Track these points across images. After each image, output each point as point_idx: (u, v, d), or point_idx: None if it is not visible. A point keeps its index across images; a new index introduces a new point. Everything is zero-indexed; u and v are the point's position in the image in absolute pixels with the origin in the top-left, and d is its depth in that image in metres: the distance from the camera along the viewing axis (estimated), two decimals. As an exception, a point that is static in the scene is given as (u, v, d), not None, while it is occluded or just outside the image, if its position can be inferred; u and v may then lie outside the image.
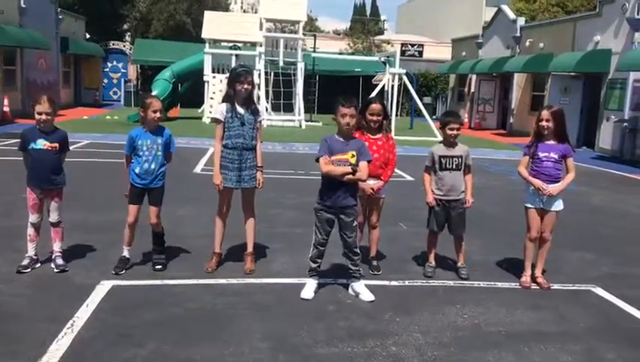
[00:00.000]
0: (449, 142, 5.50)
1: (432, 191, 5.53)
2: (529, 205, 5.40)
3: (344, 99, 4.83)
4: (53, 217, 5.29)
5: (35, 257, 5.26)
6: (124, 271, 5.25)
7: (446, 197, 5.48)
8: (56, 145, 5.18)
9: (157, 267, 5.38)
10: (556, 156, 5.27)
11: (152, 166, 5.26)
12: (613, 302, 5.14)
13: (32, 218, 5.21)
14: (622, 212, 9.35)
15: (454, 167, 5.46)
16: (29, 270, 5.16)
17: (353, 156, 4.77)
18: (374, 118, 5.36)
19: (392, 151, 5.52)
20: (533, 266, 5.49)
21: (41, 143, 5.11)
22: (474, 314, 4.70)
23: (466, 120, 27.12)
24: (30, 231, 5.24)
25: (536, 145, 5.33)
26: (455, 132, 5.44)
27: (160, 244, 5.51)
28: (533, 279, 5.45)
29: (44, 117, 5.08)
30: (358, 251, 5.01)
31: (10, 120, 19.13)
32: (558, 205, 5.37)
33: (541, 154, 5.30)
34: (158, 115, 5.23)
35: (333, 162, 4.78)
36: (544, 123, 5.24)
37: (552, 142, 5.31)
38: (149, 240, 5.58)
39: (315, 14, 54.59)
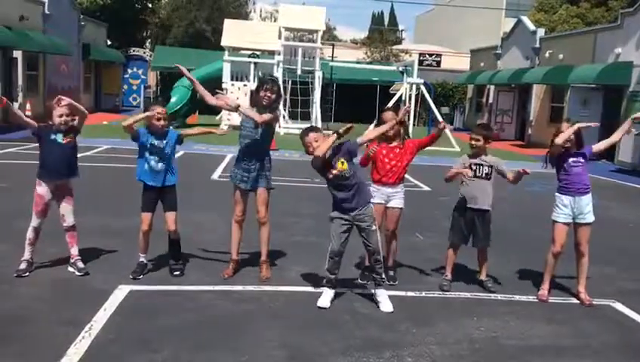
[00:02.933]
0: (472, 152, 5.50)
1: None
2: (558, 219, 5.33)
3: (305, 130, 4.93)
4: (69, 221, 5.33)
5: (31, 261, 5.28)
6: (142, 276, 5.29)
7: (470, 206, 5.45)
8: (72, 137, 5.29)
9: (175, 273, 5.42)
10: (583, 159, 5.26)
11: (159, 165, 5.30)
12: (633, 318, 5.06)
13: (36, 222, 5.27)
14: (642, 226, 9.22)
15: (483, 175, 5.44)
16: (28, 274, 5.19)
17: (343, 163, 4.79)
18: None
19: (418, 142, 5.57)
20: (553, 279, 5.44)
21: (61, 137, 5.22)
22: (491, 327, 4.66)
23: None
24: (31, 234, 5.28)
25: (566, 155, 5.28)
26: (474, 142, 5.43)
27: (177, 250, 5.55)
28: (575, 295, 5.41)
29: (64, 118, 5.20)
30: (381, 259, 4.99)
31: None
32: (590, 217, 5.29)
33: (571, 160, 5.25)
34: (162, 122, 5.26)
35: (332, 178, 4.81)
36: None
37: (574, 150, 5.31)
38: (167, 245, 5.62)
39: (333, 23, 54.87)
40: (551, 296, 5.37)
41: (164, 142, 5.33)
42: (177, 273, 5.42)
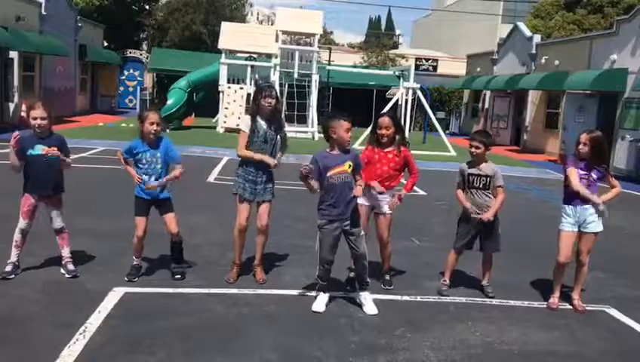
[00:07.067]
0: (472, 159, 5.49)
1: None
2: (562, 228, 5.29)
3: (340, 114, 4.84)
4: (57, 224, 5.26)
5: (17, 264, 5.21)
6: (137, 279, 5.27)
7: (474, 216, 5.41)
8: (55, 148, 5.12)
9: (176, 276, 5.38)
10: (594, 176, 5.23)
11: (152, 179, 5.20)
12: (628, 324, 5.07)
13: (23, 224, 5.17)
14: (637, 233, 9.24)
15: (481, 186, 5.42)
16: (13, 276, 5.12)
17: (350, 166, 4.79)
18: (382, 131, 5.37)
19: (411, 162, 5.51)
20: (563, 287, 5.43)
21: (39, 148, 5.07)
22: (486, 332, 4.66)
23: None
24: (18, 237, 5.19)
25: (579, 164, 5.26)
26: (474, 150, 5.41)
27: (179, 253, 5.51)
28: (569, 301, 5.39)
29: (39, 121, 5.04)
30: (367, 264, 4.99)
31: (26, 125, 19.37)
32: (594, 227, 5.27)
33: (580, 172, 5.24)
34: (155, 127, 5.12)
35: (332, 176, 4.77)
36: (581, 146, 5.21)
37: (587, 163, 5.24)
38: (161, 247, 5.59)
39: (330, 28, 54.91)
40: (569, 304, 5.35)
41: (158, 153, 5.20)
42: (179, 276, 5.38)
